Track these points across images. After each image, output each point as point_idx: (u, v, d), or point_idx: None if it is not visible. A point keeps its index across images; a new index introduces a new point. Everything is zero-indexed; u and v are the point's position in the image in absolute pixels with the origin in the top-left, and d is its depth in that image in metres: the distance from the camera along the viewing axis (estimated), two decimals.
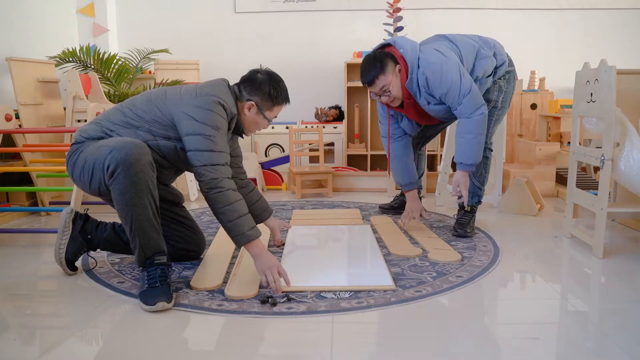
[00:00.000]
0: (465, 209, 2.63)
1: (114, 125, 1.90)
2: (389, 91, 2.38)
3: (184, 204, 2.21)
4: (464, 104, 2.32)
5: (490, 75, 2.48)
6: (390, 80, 2.36)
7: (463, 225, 2.59)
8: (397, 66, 2.37)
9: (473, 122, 2.33)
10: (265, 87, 1.99)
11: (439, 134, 3.40)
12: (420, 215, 2.70)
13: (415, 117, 2.57)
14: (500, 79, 2.57)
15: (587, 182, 3.46)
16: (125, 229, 1.76)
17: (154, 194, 1.77)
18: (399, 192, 3.18)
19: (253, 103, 1.99)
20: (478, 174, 2.63)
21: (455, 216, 2.69)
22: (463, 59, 2.40)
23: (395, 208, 3.11)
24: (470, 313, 1.71)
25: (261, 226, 2.17)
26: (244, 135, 2.12)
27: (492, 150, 2.67)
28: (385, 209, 3.15)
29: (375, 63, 2.36)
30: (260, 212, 2.27)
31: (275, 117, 2.09)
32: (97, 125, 1.92)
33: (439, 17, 4.56)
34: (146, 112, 1.90)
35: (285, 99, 2.07)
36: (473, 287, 1.90)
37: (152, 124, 1.89)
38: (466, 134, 2.35)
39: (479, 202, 2.69)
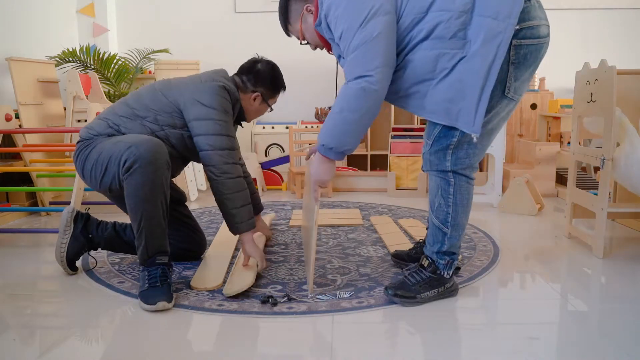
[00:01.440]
0: (421, 262, 1.80)
1: (120, 118, 1.91)
2: (306, 40, 1.88)
3: (186, 204, 2.21)
4: (349, 62, 1.61)
5: (453, 38, 1.56)
6: (299, 28, 1.84)
7: (405, 287, 1.74)
8: (306, 6, 1.81)
9: (343, 90, 1.62)
10: (268, 78, 2.08)
11: None
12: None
13: None
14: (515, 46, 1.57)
15: (587, 182, 3.46)
16: (133, 225, 1.76)
17: (167, 194, 1.78)
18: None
19: (259, 94, 2.07)
20: (435, 205, 1.75)
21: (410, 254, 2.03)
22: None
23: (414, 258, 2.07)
24: (471, 313, 1.71)
25: None
26: (243, 124, 2.22)
27: (466, 177, 1.72)
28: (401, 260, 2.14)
29: (280, 12, 1.88)
30: (255, 205, 2.30)
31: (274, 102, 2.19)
32: (103, 121, 1.92)
33: None
34: (152, 101, 1.92)
35: (284, 86, 2.17)
36: (473, 287, 1.90)
37: (158, 113, 1.90)
38: (334, 106, 1.66)
39: (442, 253, 1.75)
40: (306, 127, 4.30)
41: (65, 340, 1.51)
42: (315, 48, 1.91)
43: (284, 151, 4.26)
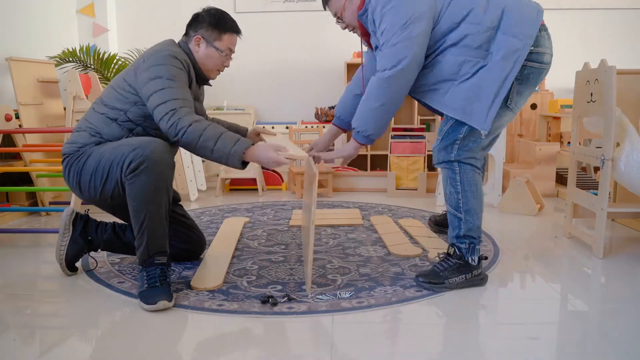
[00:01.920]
0: (447, 251, 1.95)
1: (96, 125, 1.88)
2: (342, 18, 2.02)
3: (180, 203, 2.20)
4: (384, 54, 1.83)
5: (478, 48, 1.80)
6: (343, 4, 1.99)
7: (434, 274, 1.88)
8: None
9: (371, 80, 1.87)
10: (206, 19, 1.97)
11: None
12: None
13: None
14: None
15: (587, 182, 3.46)
16: (135, 225, 1.75)
17: (170, 195, 1.79)
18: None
19: (199, 36, 1.97)
20: (447, 194, 1.94)
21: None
22: (442, 8, 1.83)
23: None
24: (470, 313, 1.71)
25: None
26: (210, 82, 2.09)
27: (471, 165, 1.91)
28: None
29: None
30: (236, 130, 2.18)
31: (230, 49, 2.02)
32: (83, 132, 1.89)
33: None
34: (115, 100, 1.89)
35: (233, 28, 2.01)
36: (473, 287, 1.90)
37: (126, 110, 1.87)
38: (365, 92, 1.92)
39: (462, 237, 1.90)
40: (306, 127, 4.30)
41: (65, 340, 1.51)
42: (345, 28, 2.07)
43: None
